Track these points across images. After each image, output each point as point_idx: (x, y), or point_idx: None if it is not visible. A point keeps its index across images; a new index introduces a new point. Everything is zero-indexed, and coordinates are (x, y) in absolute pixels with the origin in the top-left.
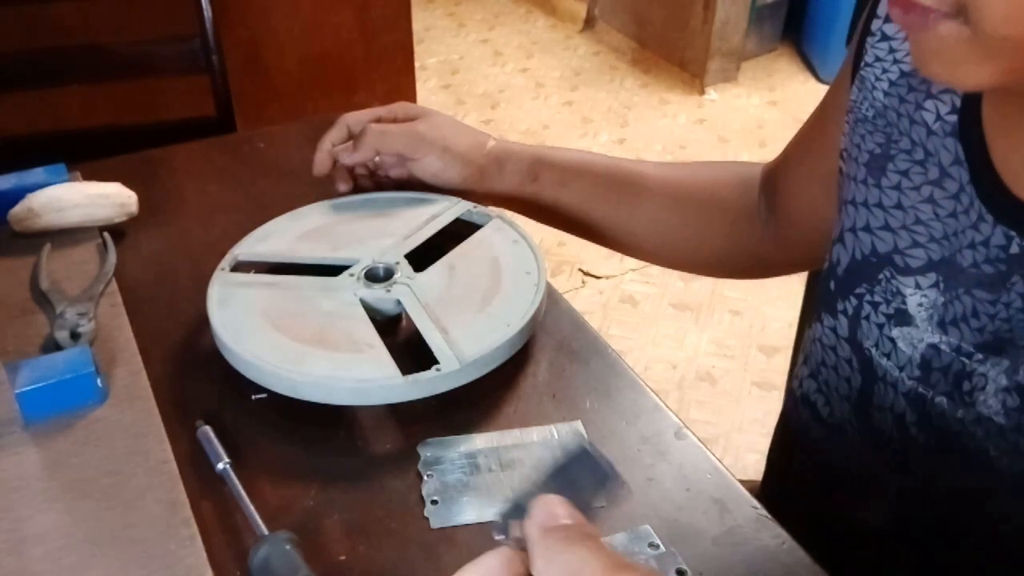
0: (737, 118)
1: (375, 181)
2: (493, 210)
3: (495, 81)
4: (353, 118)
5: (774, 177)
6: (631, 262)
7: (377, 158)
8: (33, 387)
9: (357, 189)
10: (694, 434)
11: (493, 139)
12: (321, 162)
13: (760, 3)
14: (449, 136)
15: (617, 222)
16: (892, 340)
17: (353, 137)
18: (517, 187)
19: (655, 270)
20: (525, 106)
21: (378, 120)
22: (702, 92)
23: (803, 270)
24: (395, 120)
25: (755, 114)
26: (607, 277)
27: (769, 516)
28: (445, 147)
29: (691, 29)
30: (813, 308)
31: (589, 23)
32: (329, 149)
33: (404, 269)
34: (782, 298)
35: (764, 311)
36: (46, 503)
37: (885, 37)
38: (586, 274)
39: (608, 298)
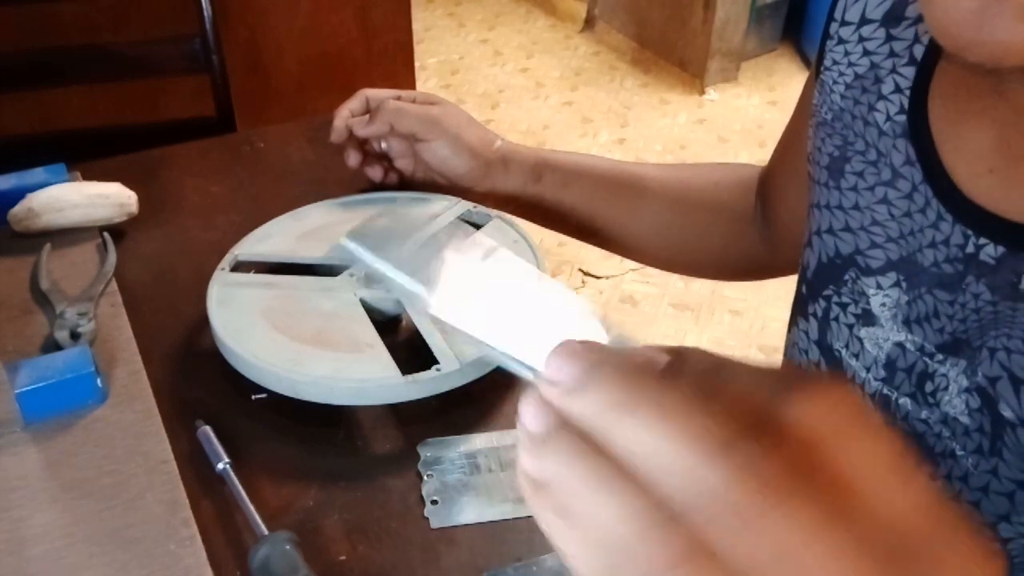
0: (737, 118)
1: (383, 169)
2: (493, 210)
3: (495, 81)
4: (373, 92)
5: (766, 180)
6: (631, 262)
7: (384, 144)
8: (33, 387)
9: (367, 185)
10: None
11: (501, 139)
12: (338, 130)
13: (760, 3)
14: (462, 126)
15: (618, 224)
16: (860, 340)
17: (370, 111)
18: (520, 187)
19: (655, 270)
20: (525, 106)
21: (397, 99)
22: (702, 92)
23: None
24: (413, 102)
25: (755, 114)
26: (607, 277)
27: None
28: (457, 135)
29: (691, 29)
30: (791, 313)
31: (589, 23)
32: (346, 117)
33: None
34: (782, 298)
35: (764, 311)
36: (46, 503)
37: (841, 40)
38: (586, 274)
39: (608, 298)
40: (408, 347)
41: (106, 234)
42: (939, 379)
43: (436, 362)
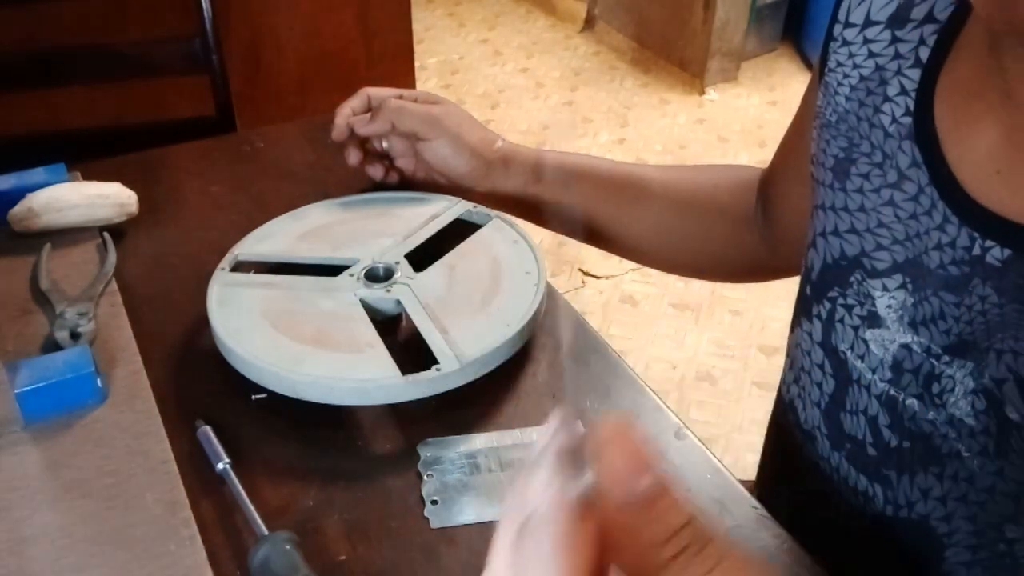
0: (737, 118)
1: (384, 168)
2: (493, 210)
3: (495, 81)
4: (374, 91)
5: (767, 182)
6: (631, 262)
7: (385, 143)
8: (33, 387)
9: (367, 185)
10: (694, 434)
11: (502, 139)
12: (339, 128)
13: (760, 3)
14: (464, 125)
15: (618, 225)
16: (865, 342)
17: (372, 110)
18: (521, 187)
19: (655, 270)
20: (525, 106)
21: (399, 98)
22: (702, 92)
23: (798, 274)
24: (415, 101)
25: (755, 114)
26: (607, 277)
27: (769, 516)
28: (458, 135)
29: (691, 29)
30: (794, 314)
31: (589, 23)
32: (347, 115)
33: (404, 269)
34: (782, 298)
35: (764, 311)
36: (46, 503)
37: (845, 42)
38: (586, 274)
39: (608, 298)
40: (408, 347)
41: (106, 234)
42: (946, 380)
43: (436, 362)
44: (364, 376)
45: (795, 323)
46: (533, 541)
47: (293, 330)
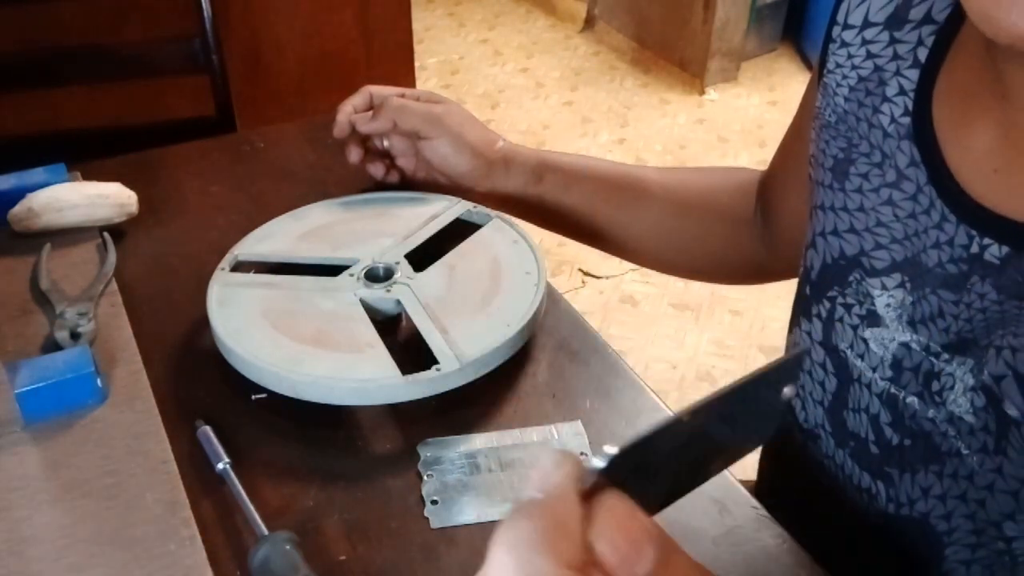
0: (737, 118)
1: (384, 166)
2: (493, 211)
3: (495, 81)
4: (376, 89)
5: (767, 183)
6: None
7: (387, 142)
8: (33, 387)
9: (367, 184)
10: None
11: (503, 139)
12: (341, 125)
13: (760, 3)
14: (465, 125)
15: (618, 226)
16: (865, 341)
17: (374, 107)
18: (521, 188)
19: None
20: (525, 106)
21: (400, 96)
22: (702, 92)
23: (796, 276)
24: (417, 100)
25: (755, 114)
26: (607, 277)
27: (769, 516)
28: (459, 134)
29: (691, 29)
30: (792, 313)
31: (589, 23)
32: (349, 112)
33: (404, 269)
34: (782, 298)
35: (764, 311)
36: (46, 503)
37: (844, 44)
38: (586, 274)
39: (608, 298)
40: (408, 347)
41: (106, 234)
42: (945, 378)
43: (436, 362)
44: (364, 376)
45: (794, 322)
46: (522, 521)
47: (293, 330)
